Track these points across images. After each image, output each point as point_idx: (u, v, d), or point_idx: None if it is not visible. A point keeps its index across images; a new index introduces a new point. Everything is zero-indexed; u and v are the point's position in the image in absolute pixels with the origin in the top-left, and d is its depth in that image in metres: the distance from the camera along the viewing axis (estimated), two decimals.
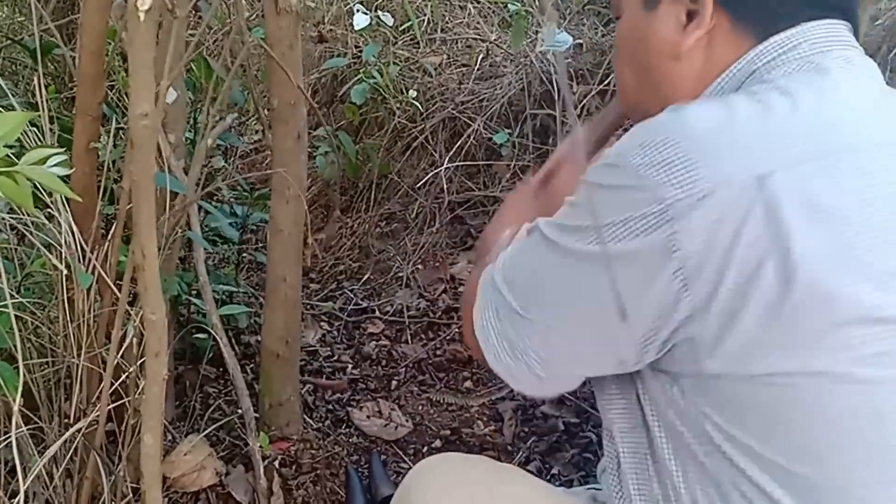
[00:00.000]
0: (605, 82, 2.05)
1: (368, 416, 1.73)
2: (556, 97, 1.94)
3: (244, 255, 2.22)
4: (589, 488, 0.94)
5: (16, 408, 0.88)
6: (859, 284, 0.58)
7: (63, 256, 1.13)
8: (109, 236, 1.17)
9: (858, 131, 0.62)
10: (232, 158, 2.60)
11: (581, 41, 2.15)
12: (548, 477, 1.59)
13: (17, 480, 0.90)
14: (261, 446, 1.44)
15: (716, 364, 0.62)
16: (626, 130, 1.02)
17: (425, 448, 1.67)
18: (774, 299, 0.58)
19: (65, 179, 0.72)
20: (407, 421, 1.71)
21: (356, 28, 2.14)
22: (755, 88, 0.65)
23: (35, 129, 1.37)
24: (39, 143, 1.28)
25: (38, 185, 1.15)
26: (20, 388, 0.94)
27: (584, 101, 2.00)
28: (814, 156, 0.59)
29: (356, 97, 2.18)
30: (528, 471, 1.14)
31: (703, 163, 0.59)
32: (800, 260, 0.57)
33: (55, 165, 0.62)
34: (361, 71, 2.28)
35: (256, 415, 1.51)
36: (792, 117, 0.61)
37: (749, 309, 0.58)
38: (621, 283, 0.63)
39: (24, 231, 1.18)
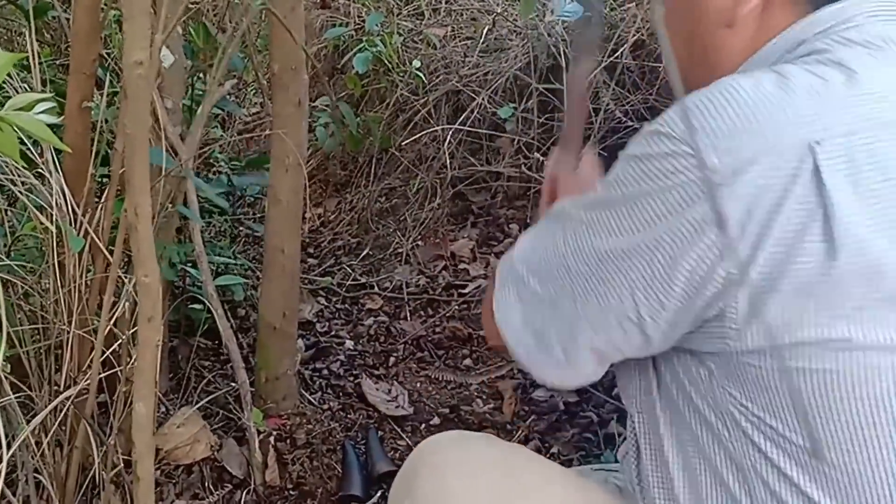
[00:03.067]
0: (615, 55, 2.00)
1: (377, 388, 1.70)
2: (565, 70, 1.89)
3: (241, 227, 2.18)
4: (597, 468, 0.91)
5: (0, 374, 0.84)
6: None
7: (54, 219, 1.09)
8: (103, 199, 1.13)
9: None
10: (230, 129, 2.55)
11: (590, 14, 2.10)
12: (547, 456, 1.56)
13: (3, 448, 0.87)
14: (255, 423, 1.42)
15: (748, 339, 0.59)
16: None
17: (423, 426, 1.65)
18: (816, 268, 0.55)
19: (55, 132, 0.68)
20: (409, 406, 1.68)
21: None
22: (808, 59, 0.63)
23: (30, 90, 1.32)
24: None
25: (28, 143, 1.11)
26: (3, 354, 0.90)
27: (592, 74, 1.95)
28: (865, 127, 0.58)
29: (359, 65, 2.13)
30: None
31: (751, 129, 0.58)
32: (846, 230, 0.55)
33: (43, 112, 0.58)
34: (365, 41, 2.23)
35: (252, 388, 1.48)
36: (844, 89, 0.60)
37: (788, 277, 0.56)
38: (657, 255, 0.60)
39: (14, 191, 1.14)
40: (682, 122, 0.61)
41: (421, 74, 2.20)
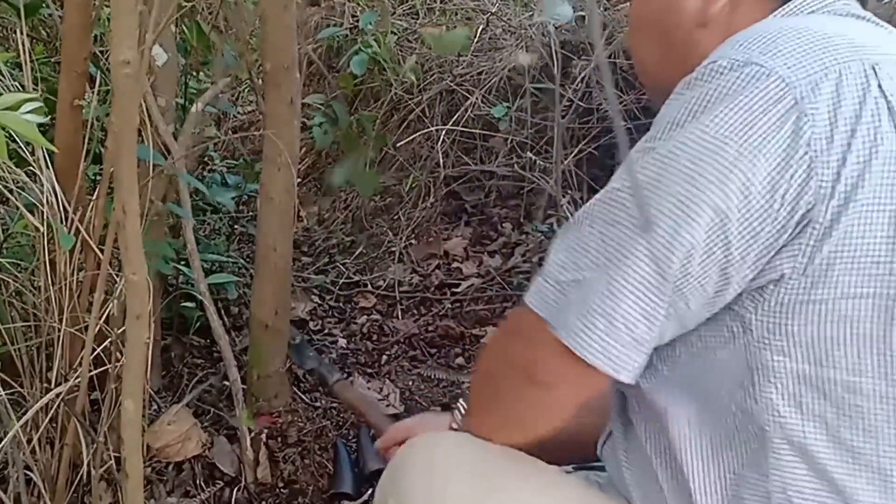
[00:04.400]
0: (609, 57, 2.01)
1: (368, 388, 1.71)
2: (556, 71, 1.90)
3: (236, 226, 2.18)
4: (578, 468, 0.91)
5: None
6: None
7: (45, 217, 1.09)
8: (94, 197, 1.13)
9: None
10: (224, 127, 2.55)
11: (584, 14, 2.11)
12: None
13: None
14: (246, 421, 1.42)
15: (818, 257, 0.59)
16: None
17: None
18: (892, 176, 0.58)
19: (43, 132, 0.68)
20: (399, 405, 1.69)
21: None
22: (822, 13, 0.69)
23: (21, 89, 1.33)
24: None
25: (20, 142, 1.12)
26: None
27: (583, 74, 1.96)
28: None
29: (356, 68, 2.12)
30: None
31: (816, 48, 0.60)
32: None
33: (29, 112, 0.58)
34: (359, 41, 2.23)
35: (244, 386, 1.48)
36: (873, 27, 0.66)
37: (865, 188, 0.58)
38: (754, 182, 0.59)
39: (5, 190, 1.14)
40: (741, 53, 0.61)
41: (413, 74, 2.19)
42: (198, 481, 1.40)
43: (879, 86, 0.59)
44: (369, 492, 1.47)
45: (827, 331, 0.60)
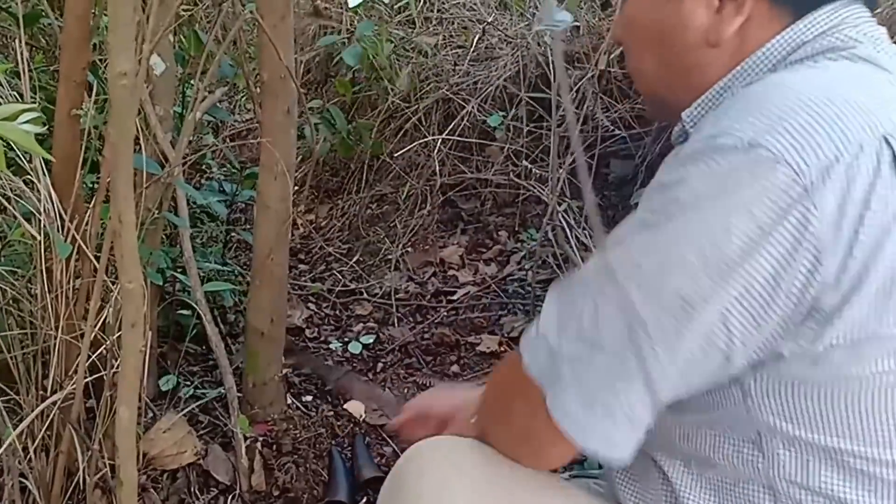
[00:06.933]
0: (605, 66, 2.02)
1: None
2: (552, 80, 1.91)
3: (233, 234, 2.19)
4: (575, 475, 0.92)
5: None
6: None
7: (42, 225, 1.10)
8: (91, 205, 1.14)
9: None
10: (222, 136, 2.56)
11: (578, 24, 2.12)
12: None
13: None
14: (241, 429, 1.42)
15: (823, 339, 0.58)
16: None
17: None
18: None
19: (40, 142, 0.69)
20: (393, 414, 1.69)
21: (350, 5, 2.10)
22: (831, 55, 0.64)
23: (19, 98, 1.34)
24: None
25: (18, 150, 1.12)
26: None
27: (580, 84, 1.97)
28: None
29: (349, 58, 2.11)
30: None
31: (826, 125, 0.56)
32: None
33: (27, 122, 0.59)
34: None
35: (240, 394, 1.49)
36: (889, 85, 0.61)
37: (874, 273, 0.56)
38: (756, 277, 0.56)
39: (2, 199, 1.15)
40: (748, 128, 0.56)
41: (409, 84, 2.21)
42: (192, 489, 1.41)
43: (893, 159, 0.56)
44: (364, 500, 1.47)
45: (828, 405, 0.60)
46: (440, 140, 2.19)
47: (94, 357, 1.13)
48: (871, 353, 0.58)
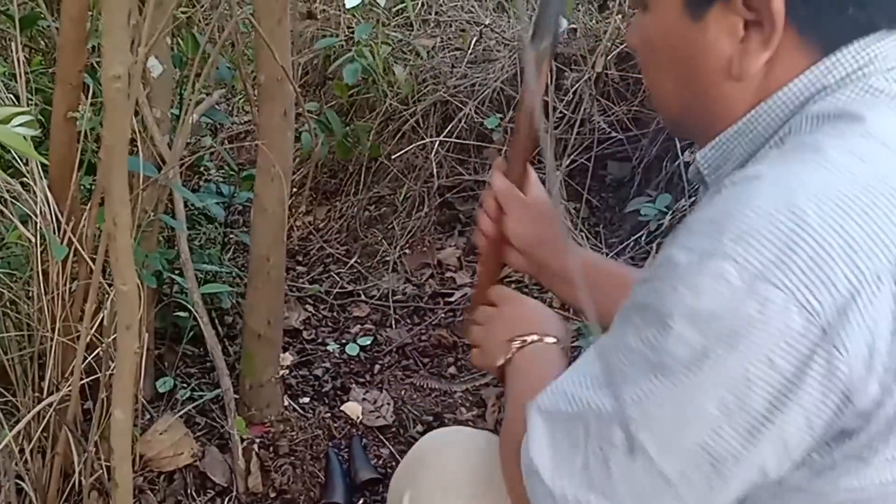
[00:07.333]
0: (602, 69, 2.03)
1: (363, 398, 1.72)
2: (550, 82, 1.91)
3: (230, 236, 2.19)
4: None
5: None
6: None
7: (38, 227, 1.10)
8: (87, 207, 1.14)
9: None
10: (220, 138, 2.56)
11: (575, 26, 2.13)
12: None
13: None
14: (238, 431, 1.42)
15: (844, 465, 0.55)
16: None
17: (406, 433, 1.66)
18: None
19: (37, 145, 0.69)
20: (391, 416, 1.69)
21: (347, 7, 2.11)
22: (842, 129, 0.57)
23: (16, 100, 1.34)
24: None
25: (14, 153, 1.13)
26: None
27: (577, 86, 1.97)
28: None
29: (348, 77, 2.14)
30: None
31: (835, 254, 0.50)
32: None
33: (21, 125, 0.59)
34: (354, 51, 2.25)
35: (236, 396, 1.49)
36: (887, 171, 0.54)
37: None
38: (786, 430, 0.52)
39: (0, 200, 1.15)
40: (754, 256, 0.50)
41: (404, 83, 2.21)
42: (189, 491, 1.41)
43: None
44: (361, 501, 1.48)
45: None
46: (438, 142, 2.19)
47: (90, 359, 1.13)
48: (875, 466, 0.54)
